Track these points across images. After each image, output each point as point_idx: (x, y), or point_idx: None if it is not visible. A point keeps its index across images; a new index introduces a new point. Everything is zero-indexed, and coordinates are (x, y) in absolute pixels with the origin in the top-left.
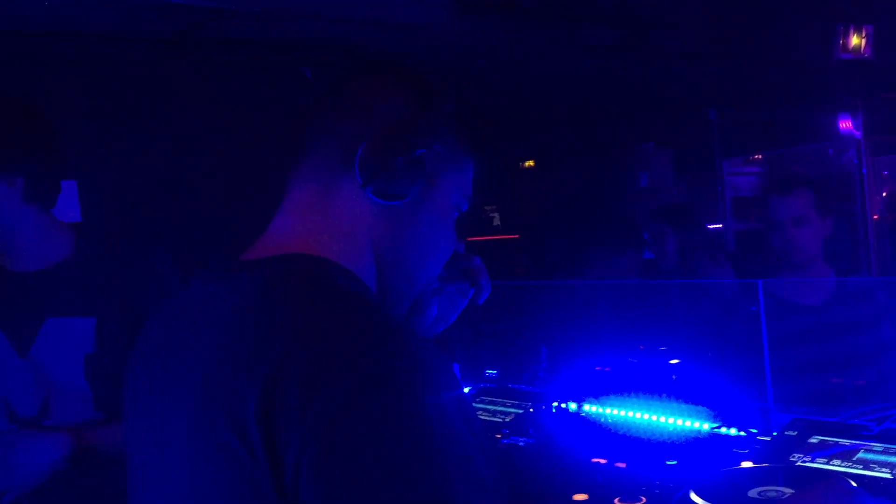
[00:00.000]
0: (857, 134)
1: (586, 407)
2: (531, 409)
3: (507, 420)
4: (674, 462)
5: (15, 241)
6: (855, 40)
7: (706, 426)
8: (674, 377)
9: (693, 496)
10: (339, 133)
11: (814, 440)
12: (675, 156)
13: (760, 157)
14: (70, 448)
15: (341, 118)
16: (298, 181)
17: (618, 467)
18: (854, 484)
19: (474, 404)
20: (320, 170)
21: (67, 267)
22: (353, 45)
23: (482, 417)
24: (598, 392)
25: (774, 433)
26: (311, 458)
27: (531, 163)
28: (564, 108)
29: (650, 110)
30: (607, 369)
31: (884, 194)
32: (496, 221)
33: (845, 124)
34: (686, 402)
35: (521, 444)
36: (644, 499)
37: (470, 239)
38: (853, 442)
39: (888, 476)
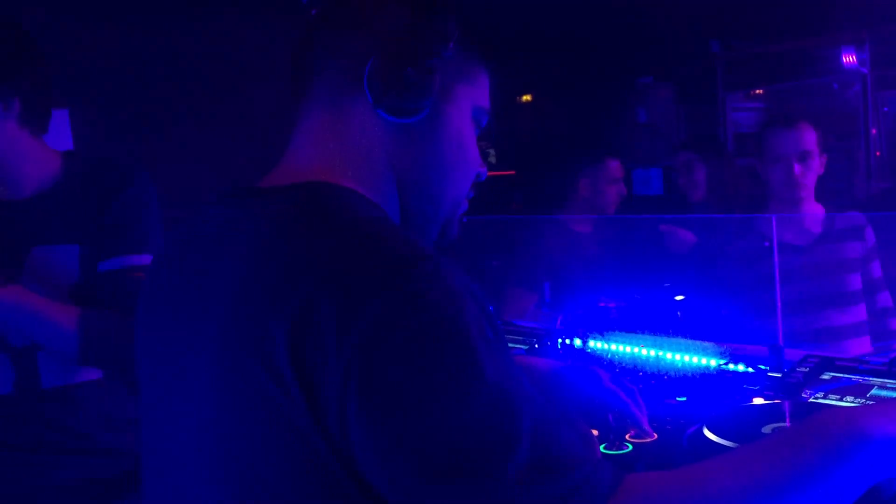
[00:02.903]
0: (864, 69)
1: (591, 343)
2: (536, 346)
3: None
4: (683, 398)
5: (7, 166)
6: None
7: (714, 363)
8: (679, 313)
9: (706, 432)
10: (343, 53)
11: (826, 377)
12: (675, 90)
13: (762, 91)
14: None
15: (344, 37)
16: (308, 107)
17: (627, 403)
18: None
19: None
20: (329, 94)
21: (54, 194)
22: None
23: None
24: (603, 328)
25: (785, 370)
26: (356, 389)
27: (528, 97)
28: (562, 41)
29: (650, 43)
30: (612, 305)
31: (873, 131)
32: (492, 157)
33: (849, 58)
34: (692, 338)
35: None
36: (656, 435)
37: None
38: (866, 378)
39: None
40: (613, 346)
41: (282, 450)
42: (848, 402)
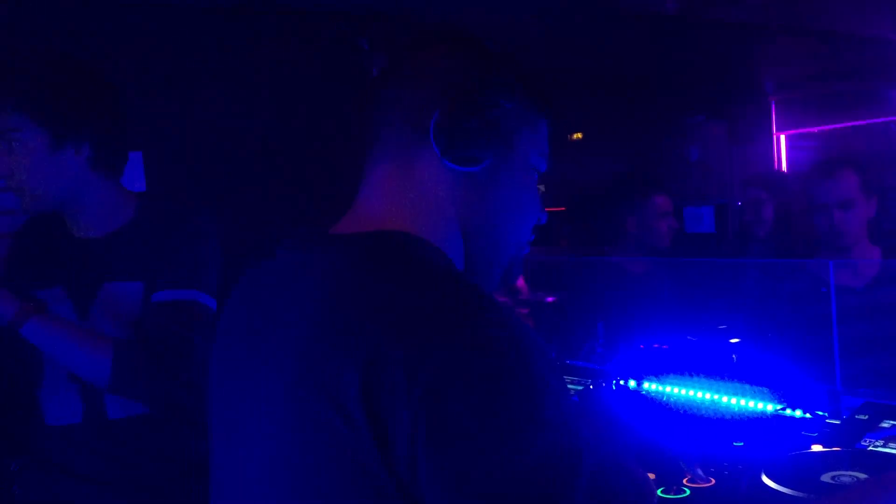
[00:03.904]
0: None
1: (646, 385)
2: (591, 386)
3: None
4: (740, 443)
5: (81, 207)
6: None
7: (770, 407)
8: (734, 357)
9: (764, 478)
10: (409, 106)
11: (886, 424)
12: (728, 129)
13: (817, 131)
14: (16, 309)
15: (409, 91)
16: (376, 158)
17: (685, 447)
18: None
19: None
20: (397, 145)
21: (125, 233)
22: (410, 15)
23: None
24: (658, 370)
25: (844, 416)
26: (424, 431)
27: (579, 135)
28: (615, 79)
29: (703, 82)
30: (665, 347)
31: None
32: (542, 193)
33: None
34: (747, 382)
35: None
36: (713, 480)
37: None
38: None
39: None
40: (668, 389)
41: (349, 487)
42: None
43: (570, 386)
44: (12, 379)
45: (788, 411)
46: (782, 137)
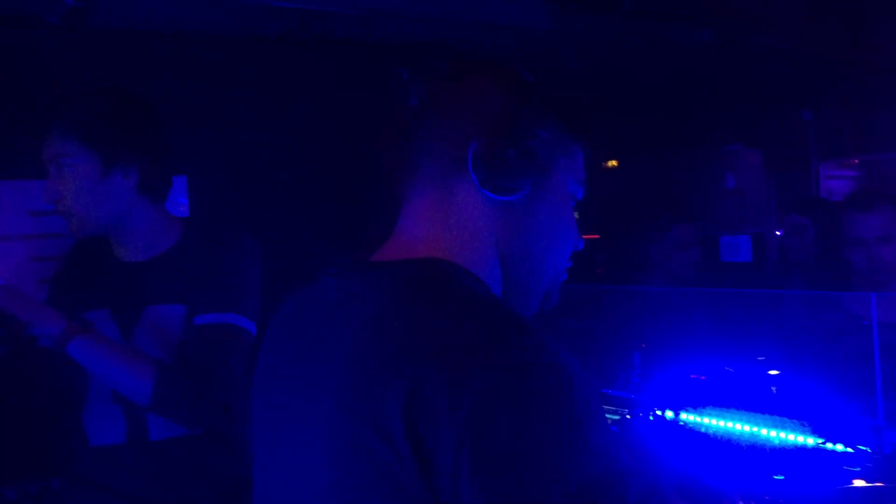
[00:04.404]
0: None
1: (684, 415)
2: (628, 416)
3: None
4: (781, 477)
5: (127, 231)
6: None
7: (811, 441)
8: (773, 389)
9: None
10: (446, 136)
11: None
12: (765, 157)
13: (857, 161)
14: (62, 328)
15: (447, 121)
16: (416, 186)
17: (725, 480)
18: None
19: None
20: (435, 175)
21: (169, 257)
22: (451, 46)
23: None
24: (695, 400)
25: (887, 451)
26: (468, 457)
27: (614, 162)
28: (651, 106)
29: (739, 109)
30: (702, 378)
31: None
32: (577, 220)
33: None
34: (787, 414)
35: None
36: None
37: None
38: None
39: None
40: (707, 420)
41: None
42: None
43: (606, 416)
44: (57, 399)
45: (830, 445)
46: (819, 166)
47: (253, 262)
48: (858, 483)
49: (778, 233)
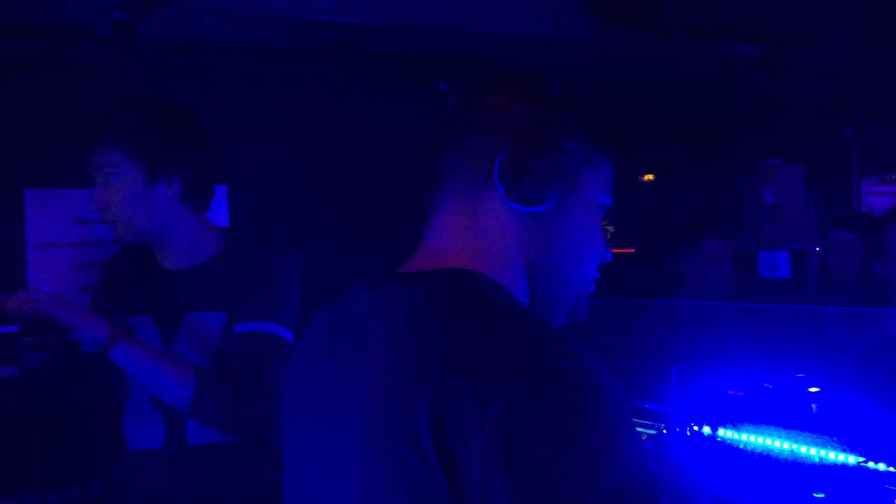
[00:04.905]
0: None
1: (721, 432)
2: (664, 431)
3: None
4: (821, 495)
5: (170, 240)
6: None
7: (852, 459)
8: (813, 406)
9: None
10: (475, 150)
11: None
12: (805, 172)
13: None
14: (107, 333)
15: (474, 134)
16: (444, 198)
17: (764, 497)
18: None
19: None
20: (463, 186)
21: (210, 266)
22: (490, 59)
23: None
24: (733, 417)
25: None
26: (497, 465)
27: (650, 176)
28: (689, 121)
29: (779, 125)
30: (740, 393)
31: None
32: (608, 232)
33: None
34: (827, 432)
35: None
36: None
37: None
38: None
39: None
40: (745, 436)
41: None
42: None
43: (642, 430)
44: (97, 404)
45: (871, 464)
46: (861, 182)
47: (292, 271)
48: None
49: (818, 249)
